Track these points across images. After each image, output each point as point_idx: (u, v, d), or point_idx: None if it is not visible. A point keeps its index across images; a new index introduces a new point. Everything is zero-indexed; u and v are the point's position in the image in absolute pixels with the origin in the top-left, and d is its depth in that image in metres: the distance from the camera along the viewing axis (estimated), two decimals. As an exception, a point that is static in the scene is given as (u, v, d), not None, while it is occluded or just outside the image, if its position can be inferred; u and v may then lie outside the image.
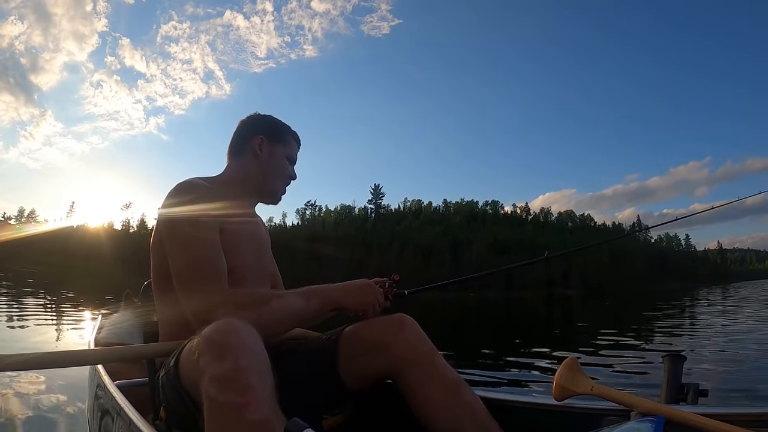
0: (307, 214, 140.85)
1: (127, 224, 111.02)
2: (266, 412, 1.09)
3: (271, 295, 1.54)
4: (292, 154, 1.88)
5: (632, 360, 6.98)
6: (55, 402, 3.90)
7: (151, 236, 1.65)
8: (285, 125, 1.91)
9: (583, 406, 1.42)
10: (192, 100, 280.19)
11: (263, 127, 1.85)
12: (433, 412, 1.49)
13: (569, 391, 1.39)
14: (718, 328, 11.34)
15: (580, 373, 1.40)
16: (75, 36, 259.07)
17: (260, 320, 1.39)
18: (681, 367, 1.37)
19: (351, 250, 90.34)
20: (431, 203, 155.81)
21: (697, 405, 1.30)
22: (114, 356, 1.62)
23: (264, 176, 1.82)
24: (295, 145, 1.90)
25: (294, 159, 1.90)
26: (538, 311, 27.33)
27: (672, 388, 1.34)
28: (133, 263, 74.57)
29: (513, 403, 1.58)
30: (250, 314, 1.40)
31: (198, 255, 1.49)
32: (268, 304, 1.48)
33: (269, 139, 1.83)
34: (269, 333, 1.42)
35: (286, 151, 1.86)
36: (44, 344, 7.66)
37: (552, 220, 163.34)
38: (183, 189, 1.61)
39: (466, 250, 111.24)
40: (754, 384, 4.89)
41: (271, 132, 1.84)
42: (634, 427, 1.17)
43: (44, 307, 16.19)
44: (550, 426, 1.48)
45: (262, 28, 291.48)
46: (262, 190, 1.85)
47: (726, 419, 1.13)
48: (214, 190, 1.63)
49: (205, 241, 1.52)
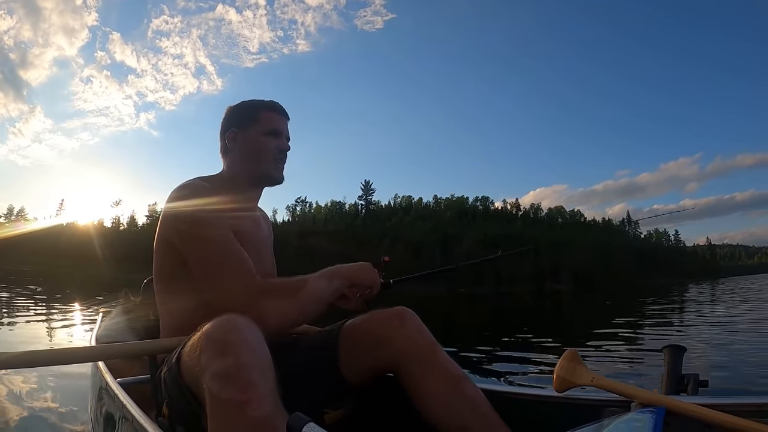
0: (298, 210, 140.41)
1: (117, 222, 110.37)
2: (268, 409, 1.10)
3: (304, 279, 1.56)
4: (270, 127, 1.79)
5: (630, 352, 7.03)
6: (57, 399, 3.90)
7: (155, 235, 1.64)
8: (251, 104, 1.84)
9: (584, 397, 1.43)
10: (183, 96, 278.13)
11: (231, 119, 1.82)
12: (434, 405, 1.50)
13: (570, 382, 1.40)
14: (715, 320, 11.40)
15: (580, 365, 1.41)
16: (65, 30, 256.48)
17: (301, 304, 1.49)
18: (681, 358, 1.38)
19: (341, 245, 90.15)
20: (422, 199, 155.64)
21: (697, 396, 1.31)
22: (116, 353, 1.63)
23: (247, 166, 1.78)
24: (272, 116, 1.82)
25: (276, 130, 1.80)
26: (529, 305, 27.37)
27: (672, 379, 1.34)
28: (123, 261, 74.35)
29: (514, 395, 1.60)
30: (291, 300, 1.48)
31: (229, 250, 1.50)
32: (303, 288, 1.52)
33: (239, 128, 1.79)
34: (306, 316, 1.54)
35: (260, 128, 1.78)
36: (37, 343, 7.60)
37: (542, 215, 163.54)
38: (188, 189, 1.61)
39: (456, 245, 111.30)
40: (754, 374, 4.93)
41: (238, 120, 1.80)
42: (634, 417, 1.17)
43: (35, 306, 16.08)
44: (552, 417, 1.49)
45: (255, 23, 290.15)
46: (255, 179, 1.82)
47: (726, 409, 1.13)
48: (214, 190, 1.63)
49: (229, 237, 1.53)
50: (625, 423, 1.16)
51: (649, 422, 1.12)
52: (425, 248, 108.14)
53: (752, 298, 20.31)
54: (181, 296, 1.60)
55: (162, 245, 1.61)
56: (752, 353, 6.19)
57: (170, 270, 1.59)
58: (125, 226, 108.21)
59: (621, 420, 1.17)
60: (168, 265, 1.60)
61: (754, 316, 11.65)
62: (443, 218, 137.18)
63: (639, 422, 1.15)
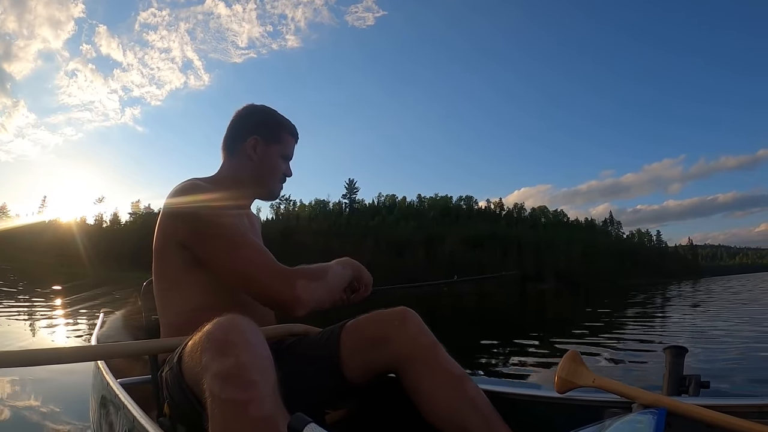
0: (282, 209, 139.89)
1: (100, 219, 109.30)
2: (269, 408, 1.11)
3: (327, 265, 1.68)
4: (287, 152, 1.85)
5: (629, 353, 7.03)
6: (57, 399, 3.88)
7: (154, 236, 1.64)
8: (282, 121, 1.86)
9: (585, 398, 1.43)
10: (169, 91, 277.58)
11: (258, 126, 1.81)
12: (436, 405, 1.50)
13: (571, 383, 1.41)
14: (715, 321, 11.39)
15: (581, 366, 1.41)
16: (51, 22, 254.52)
17: (328, 286, 1.61)
18: (682, 359, 1.38)
19: (325, 244, 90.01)
20: (405, 198, 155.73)
21: (698, 397, 1.31)
22: (117, 352, 1.62)
23: (257, 179, 1.81)
24: (291, 141, 1.87)
25: (290, 156, 1.87)
26: (512, 305, 27.44)
27: (673, 379, 1.35)
28: (107, 259, 73.81)
29: (515, 396, 1.60)
30: (321, 282, 1.58)
31: (253, 244, 1.55)
32: (328, 272, 1.63)
33: (264, 140, 1.79)
34: (332, 297, 1.64)
35: (281, 150, 1.82)
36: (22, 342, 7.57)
37: (525, 215, 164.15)
38: (195, 189, 1.61)
39: (440, 245, 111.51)
40: (756, 375, 4.94)
41: (266, 132, 1.81)
42: (635, 419, 1.17)
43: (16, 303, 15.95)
44: (553, 418, 1.49)
45: (244, 17, 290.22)
46: (257, 192, 1.85)
47: (728, 411, 1.14)
48: (213, 191, 1.63)
49: (248, 232, 1.60)
50: (627, 424, 1.16)
51: (651, 423, 1.12)
52: (408, 248, 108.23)
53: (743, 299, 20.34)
54: (182, 296, 1.61)
55: (166, 245, 1.61)
56: (753, 354, 6.20)
57: (173, 270, 1.60)
58: (108, 224, 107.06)
59: (622, 421, 1.17)
60: (171, 264, 1.60)
61: (755, 316, 11.68)
62: (427, 218, 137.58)
63: (640, 423, 1.14)
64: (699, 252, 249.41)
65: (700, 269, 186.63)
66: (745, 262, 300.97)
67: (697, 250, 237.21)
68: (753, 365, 5.55)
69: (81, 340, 7.82)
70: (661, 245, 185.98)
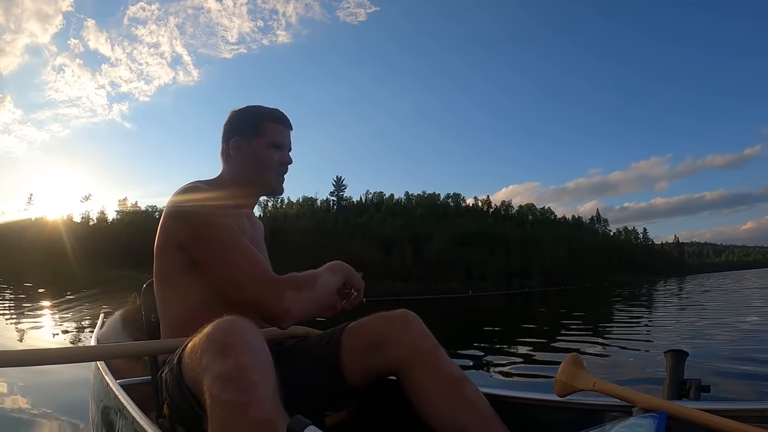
0: (269, 206, 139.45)
1: (87, 217, 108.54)
2: (268, 410, 1.11)
3: (316, 272, 1.62)
4: (275, 140, 1.80)
5: (621, 354, 6.99)
6: (57, 400, 3.87)
7: (155, 237, 1.64)
8: (260, 112, 1.84)
9: (586, 402, 1.44)
10: (158, 86, 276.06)
11: (236, 127, 1.82)
12: (436, 408, 1.51)
13: (571, 387, 1.40)
14: (715, 322, 11.37)
15: (582, 370, 1.41)
16: (38, 16, 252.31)
17: (317, 295, 1.57)
18: (683, 362, 1.38)
19: (313, 242, 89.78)
20: (393, 195, 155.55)
21: (699, 401, 1.31)
22: (116, 353, 1.63)
23: (250, 177, 1.80)
24: (278, 128, 1.83)
25: (280, 143, 1.82)
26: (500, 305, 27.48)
27: (674, 383, 1.35)
28: (93, 257, 73.34)
29: (516, 399, 1.60)
30: (309, 291, 1.55)
31: (247, 250, 1.55)
32: (317, 280, 1.59)
33: (244, 137, 1.79)
34: (320, 307, 1.61)
35: (267, 140, 1.79)
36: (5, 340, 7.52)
37: (513, 213, 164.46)
38: (197, 192, 1.62)
39: (427, 243, 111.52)
40: (757, 380, 4.90)
41: (244, 129, 1.80)
42: (636, 422, 1.17)
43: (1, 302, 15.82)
44: (553, 422, 1.50)
45: (235, 12, 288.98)
46: (255, 189, 1.84)
47: (728, 415, 1.14)
48: (218, 193, 1.65)
49: (239, 234, 1.57)
50: (627, 428, 1.15)
51: (651, 427, 1.12)
52: (396, 245, 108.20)
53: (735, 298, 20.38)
54: (182, 297, 1.61)
55: (166, 246, 1.61)
56: (754, 357, 6.21)
57: (173, 271, 1.61)
58: (95, 222, 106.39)
59: (623, 425, 1.17)
60: (172, 266, 1.61)
61: (756, 319, 11.72)
62: (414, 215, 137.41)
63: (641, 427, 1.14)
64: (686, 249, 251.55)
65: (687, 267, 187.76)
66: (731, 260, 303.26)
67: (684, 248, 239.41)
68: (753, 368, 5.57)
69: (69, 341, 7.78)
70: (648, 243, 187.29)
